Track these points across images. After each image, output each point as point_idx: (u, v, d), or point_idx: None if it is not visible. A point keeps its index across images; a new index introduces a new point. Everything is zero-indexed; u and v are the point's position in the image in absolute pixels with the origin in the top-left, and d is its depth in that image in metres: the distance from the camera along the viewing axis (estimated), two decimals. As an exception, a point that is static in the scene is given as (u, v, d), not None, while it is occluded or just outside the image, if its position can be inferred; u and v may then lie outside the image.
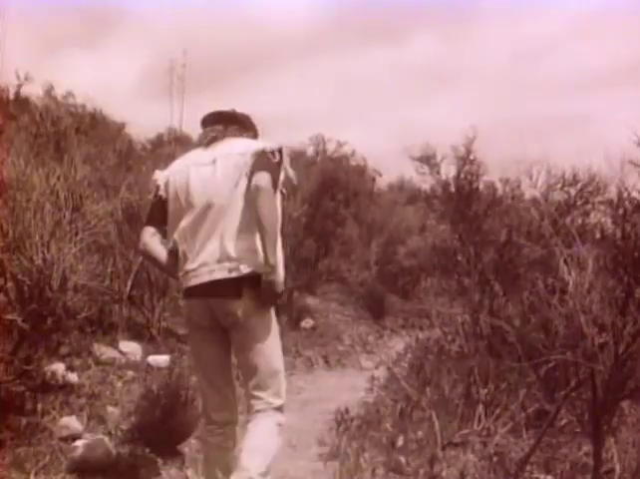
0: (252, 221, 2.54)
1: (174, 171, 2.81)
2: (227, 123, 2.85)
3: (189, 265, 2.64)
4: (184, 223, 2.68)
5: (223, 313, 2.60)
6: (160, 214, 2.80)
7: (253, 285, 2.53)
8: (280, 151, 2.65)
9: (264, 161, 2.59)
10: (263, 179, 2.52)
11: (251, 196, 2.53)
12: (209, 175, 2.67)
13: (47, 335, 3.50)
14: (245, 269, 2.54)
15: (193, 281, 2.62)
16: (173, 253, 2.72)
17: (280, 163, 2.65)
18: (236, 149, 2.70)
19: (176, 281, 2.86)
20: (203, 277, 2.60)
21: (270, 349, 2.67)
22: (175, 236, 2.71)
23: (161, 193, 2.79)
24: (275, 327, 2.69)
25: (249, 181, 2.56)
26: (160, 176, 2.84)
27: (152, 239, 2.79)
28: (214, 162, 2.69)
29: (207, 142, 2.80)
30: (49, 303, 3.50)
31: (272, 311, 2.68)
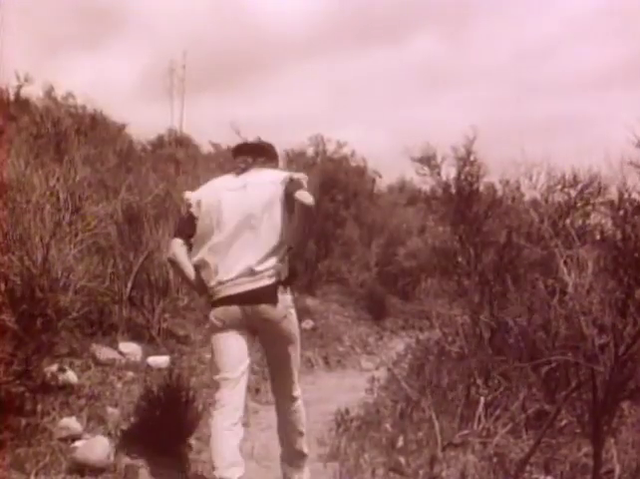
0: (282, 236, 3.02)
1: (205, 193, 3.24)
2: (256, 154, 3.31)
3: (224, 277, 3.00)
4: (217, 239, 3.07)
5: (260, 318, 3.00)
6: (188, 228, 3.17)
7: (283, 290, 3.02)
8: (308, 181, 3.09)
9: (299, 184, 3.02)
10: (307, 195, 2.96)
11: (297, 208, 2.97)
12: (241, 199, 3.09)
13: (36, 336, 3.49)
14: (279, 275, 3.00)
15: (232, 291, 2.99)
16: (197, 268, 3.10)
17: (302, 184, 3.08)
18: (266, 177, 3.14)
19: (192, 290, 3.33)
20: (244, 287, 2.98)
21: (297, 348, 3.17)
22: (206, 250, 3.08)
23: (193, 210, 3.17)
24: (298, 329, 3.17)
25: (287, 202, 3.01)
26: (191, 195, 3.26)
27: (180, 250, 3.15)
28: (245, 187, 3.13)
29: (238, 172, 3.25)
30: (39, 304, 3.51)
31: (295, 315, 3.12)
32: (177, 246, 3.16)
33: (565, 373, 3.60)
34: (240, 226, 3.04)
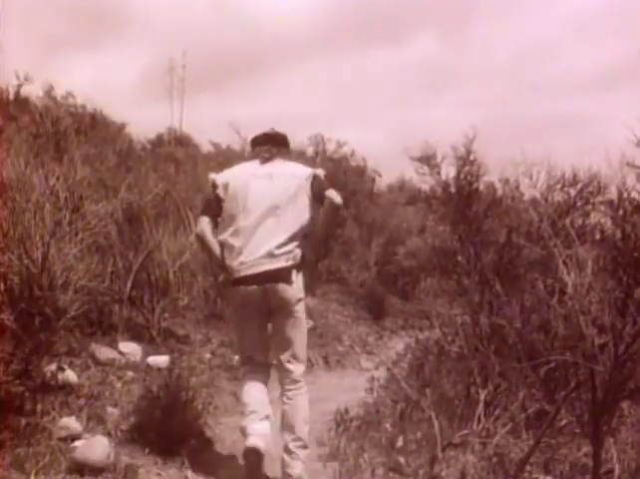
0: (302, 226, 3.34)
1: (234, 176, 3.48)
2: (277, 144, 3.58)
3: (246, 258, 3.29)
4: (242, 223, 3.34)
5: (277, 297, 3.30)
6: (214, 208, 3.45)
7: (296, 273, 3.33)
8: (322, 174, 3.47)
9: (324, 182, 3.41)
10: (336, 194, 3.33)
11: (326, 206, 3.32)
12: (268, 188, 3.37)
13: (36, 335, 3.49)
14: (296, 259, 3.31)
15: (252, 270, 3.28)
16: (221, 246, 3.39)
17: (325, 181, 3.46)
18: (291, 170, 3.48)
19: (213, 265, 3.59)
20: (263, 267, 3.27)
21: (305, 329, 3.48)
22: (231, 231, 3.35)
23: (219, 192, 3.43)
24: (305, 321, 3.48)
25: (316, 199, 3.34)
26: (218, 177, 3.49)
27: (207, 227, 3.44)
28: (271, 177, 3.41)
29: (262, 160, 3.51)
30: (38, 303, 3.51)
31: (304, 308, 3.44)
32: (205, 224, 3.44)
33: (565, 373, 3.60)
34: (265, 213, 3.32)
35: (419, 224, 11.45)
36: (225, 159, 10.82)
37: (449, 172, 5.98)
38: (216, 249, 3.39)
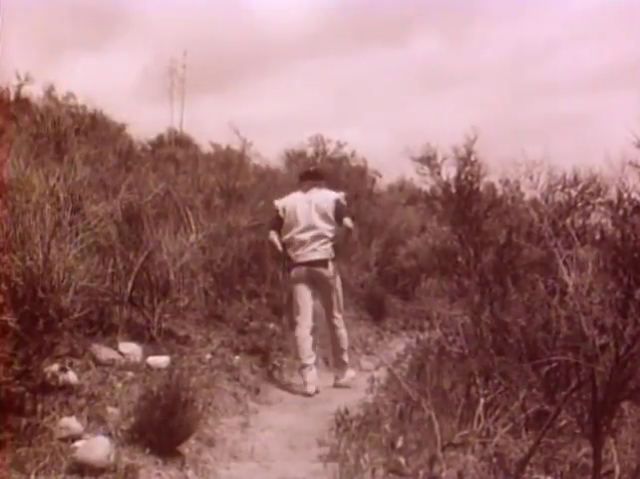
0: (331, 233, 5.68)
1: (288, 202, 5.80)
2: (313, 179, 5.94)
3: (300, 252, 5.68)
4: (294, 232, 5.69)
5: (319, 275, 5.69)
6: (277, 224, 5.80)
7: (331, 261, 5.69)
8: (346, 197, 5.85)
9: (344, 208, 5.75)
10: (350, 222, 5.70)
11: (343, 228, 5.70)
12: (308, 210, 5.70)
13: (38, 336, 3.49)
14: (330, 254, 5.69)
15: (304, 259, 5.66)
16: (284, 245, 5.76)
17: (348, 205, 5.94)
18: (324, 196, 5.76)
19: (278, 259, 6.15)
20: (311, 257, 5.65)
21: (340, 293, 5.86)
22: (289, 236, 5.72)
23: (281, 213, 5.78)
24: (340, 285, 5.87)
25: (336, 218, 5.67)
26: (279, 203, 5.85)
27: (274, 236, 5.80)
28: (310, 202, 5.72)
29: (304, 190, 5.85)
30: (41, 304, 3.50)
31: (339, 277, 5.88)
32: (273, 234, 5.81)
33: (565, 373, 3.60)
34: (308, 227, 5.66)
35: (419, 224, 11.44)
36: (225, 159, 10.83)
37: (449, 172, 5.98)
38: (280, 249, 5.77)
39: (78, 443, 3.35)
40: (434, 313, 5.92)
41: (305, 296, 5.68)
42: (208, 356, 5.59)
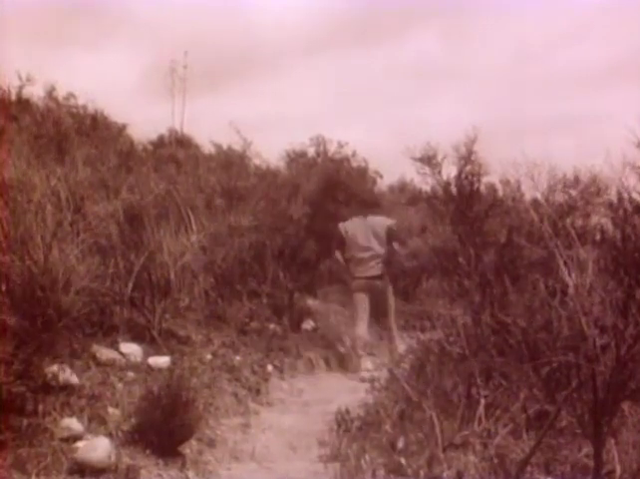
0: (383, 254, 6.94)
1: (350, 226, 7.06)
2: (372, 206, 7.53)
3: (360, 268, 6.96)
4: (354, 251, 6.99)
5: (375, 286, 6.95)
6: (341, 245, 7.09)
7: (384, 276, 6.96)
8: (396, 224, 7.29)
9: (394, 233, 7.11)
10: (397, 246, 7.07)
11: (391, 251, 7.00)
12: (365, 234, 6.97)
13: (37, 336, 3.49)
14: (383, 270, 6.95)
15: (364, 274, 6.93)
16: (347, 262, 7.05)
17: (398, 231, 7.31)
18: (378, 222, 7.07)
19: (344, 273, 7.42)
20: (369, 273, 6.92)
21: (392, 300, 7.14)
22: (351, 255, 7.00)
23: (343, 235, 7.03)
24: (392, 293, 7.14)
25: (388, 242, 6.97)
26: (342, 227, 7.08)
27: (339, 255, 7.13)
28: (366, 227, 6.99)
29: (363, 217, 7.11)
30: (41, 304, 3.50)
31: (391, 286, 7.10)
32: (338, 254, 7.13)
33: (566, 374, 3.59)
34: (365, 248, 6.94)
35: (420, 224, 11.42)
36: (226, 159, 10.82)
37: (450, 172, 5.99)
38: (345, 265, 7.12)
39: (79, 443, 3.35)
40: (434, 314, 5.92)
41: (364, 303, 6.94)
42: (209, 357, 5.59)
